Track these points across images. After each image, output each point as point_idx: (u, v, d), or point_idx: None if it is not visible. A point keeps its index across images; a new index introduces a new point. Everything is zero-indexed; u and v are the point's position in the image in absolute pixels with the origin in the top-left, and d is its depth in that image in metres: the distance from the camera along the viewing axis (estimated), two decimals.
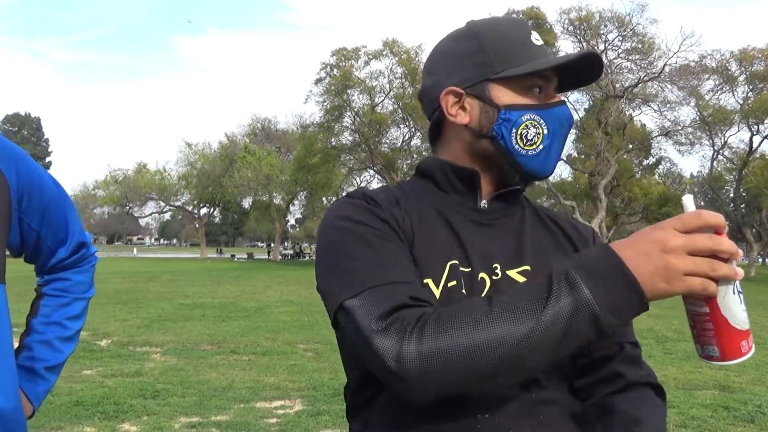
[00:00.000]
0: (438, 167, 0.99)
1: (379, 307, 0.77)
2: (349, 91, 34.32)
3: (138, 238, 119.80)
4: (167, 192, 50.34)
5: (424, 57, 35.01)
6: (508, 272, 0.93)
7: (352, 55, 34.21)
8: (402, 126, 36.54)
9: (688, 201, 0.73)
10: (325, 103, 34.76)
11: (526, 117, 0.92)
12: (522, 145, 0.93)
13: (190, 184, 49.39)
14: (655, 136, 35.51)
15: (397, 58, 33.95)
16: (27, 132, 78.19)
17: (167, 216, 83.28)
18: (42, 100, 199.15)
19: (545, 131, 0.93)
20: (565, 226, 1.05)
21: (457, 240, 0.93)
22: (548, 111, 0.93)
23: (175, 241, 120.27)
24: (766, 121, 31.59)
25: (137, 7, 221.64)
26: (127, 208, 52.17)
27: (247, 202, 50.24)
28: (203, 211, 54.59)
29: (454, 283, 0.88)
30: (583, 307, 0.70)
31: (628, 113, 33.39)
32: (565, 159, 36.84)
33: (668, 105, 32.36)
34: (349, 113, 35.05)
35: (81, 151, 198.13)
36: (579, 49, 31.25)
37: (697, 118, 32.97)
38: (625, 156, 34.07)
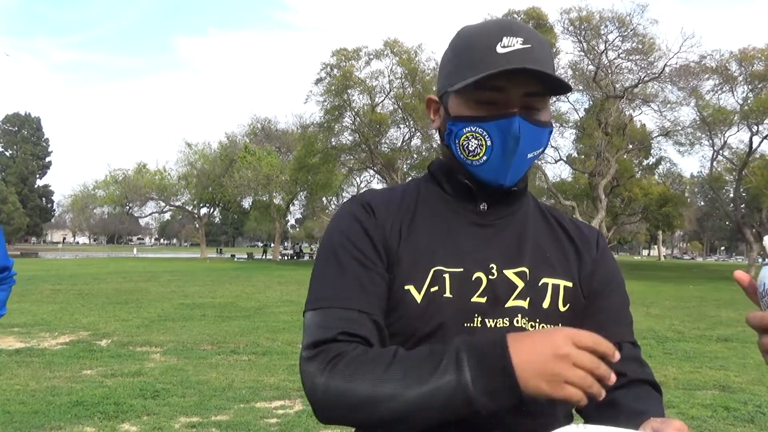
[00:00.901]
0: (440, 170, 1.04)
1: (314, 334, 0.90)
2: (349, 91, 34.30)
3: (138, 238, 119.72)
4: (167, 192, 50.22)
5: (424, 57, 34.97)
6: (505, 272, 0.96)
7: (353, 55, 34.20)
8: (402, 126, 36.55)
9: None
10: (325, 103, 34.76)
11: (467, 129, 0.95)
12: (465, 156, 0.96)
13: (190, 184, 49.30)
14: (655, 136, 35.50)
15: (397, 59, 33.94)
16: (27, 132, 78.15)
17: (167, 216, 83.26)
18: (42, 99, 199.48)
19: (488, 143, 0.94)
20: (569, 227, 1.07)
21: (451, 241, 0.97)
22: (490, 123, 0.93)
23: (175, 241, 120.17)
24: (765, 121, 31.58)
25: (137, 7, 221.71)
26: (127, 208, 52.06)
27: (247, 202, 50.18)
28: (203, 211, 54.52)
29: (436, 288, 0.93)
30: (462, 388, 0.78)
31: (628, 113, 33.38)
32: (565, 159, 36.86)
33: (668, 105, 32.36)
34: (349, 113, 35.04)
35: (81, 151, 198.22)
36: (579, 48, 31.27)
37: (697, 119, 32.96)
38: (625, 156, 34.05)
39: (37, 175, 78.69)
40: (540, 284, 0.96)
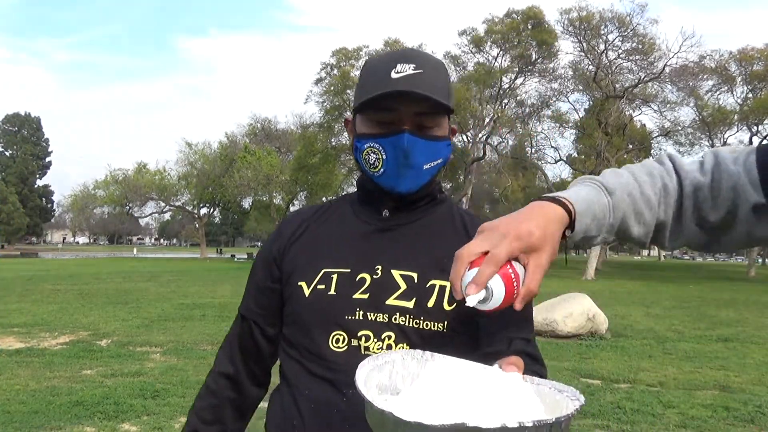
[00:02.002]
0: (358, 182, 1.20)
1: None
2: (349, 91, 34.28)
3: (138, 238, 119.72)
4: (167, 192, 50.21)
5: None
6: (392, 271, 1.09)
7: (353, 55, 34.19)
8: None
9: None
10: (325, 104, 34.74)
11: (367, 145, 1.09)
12: (368, 168, 1.10)
13: (190, 184, 49.29)
14: (655, 136, 35.51)
15: None
16: (27, 132, 78.14)
17: (167, 216, 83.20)
18: (42, 100, 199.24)
19: (384, 157, 1.08)
20: (473, 232, 1.11)
21: (347, 245, 1.13)
22: (385, 140, 1.07)
23: (175, 241, 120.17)
24: (765, 122, 31.57)
25: (138, 7, 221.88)
26: (127, 208, 52.05)
27: (247, 202, 50.18)
28: (203, 211, 54.53)
29: (323, 286, 1.10)
30: None
31: (628, 113, 33.38)
32: (565, 159, 36.87)
33: (668, 105, 32.37)
34: (349, 113, 35.00)
35: (81, 151, 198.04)
36: (579, 48, 31.25)
37: (697, 119, 32.96)
38: (625, 156, 34.03)
39: (37, 175, 78.66)
40: (428, 285, 1.07)
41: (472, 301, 0.72)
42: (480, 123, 34.39)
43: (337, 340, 1.07)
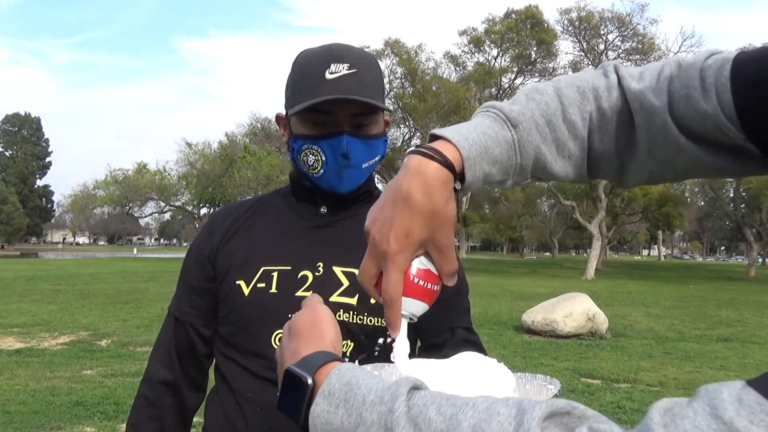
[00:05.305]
0: (292, 178, 1.19)
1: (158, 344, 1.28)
2: None
3: (138, 238, 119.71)
4: (167, 192, 50.19)
5: (424, 57, 35.04)
6: (334, 268, 1.09)
7: None
8: (402, 126, 36.54)
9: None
10: None
11: (305, 146, 1.08)
12: (307, 169, 1.10)
13: (190, 184, 49.26)
14: None
15: (397, 58, 33.94)
16: (27, 132, 78.13)
17: (167, 216, 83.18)
18: (42, 100, 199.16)
19: (323, 158, 1.07)
20: None
21: (286, 242, 1.12)
22: (323, 142, 1.06)
23: (175, 241, 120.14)
24: None
25: (138, 7, 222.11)
26: (127, 208, 52.02)
27: None
28: (203, 211, 54.50)
29: (263, 285, 1.09)
30: None
31: None
32: None
33: None
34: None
35: (81, 151, 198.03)
36: (579, 48, 31.28)
37: None
38: None
39: (37, 175, 78.63)
40: None
41: (401, 339, 0.67)
42: None
43: (280, 339, 1.04)
